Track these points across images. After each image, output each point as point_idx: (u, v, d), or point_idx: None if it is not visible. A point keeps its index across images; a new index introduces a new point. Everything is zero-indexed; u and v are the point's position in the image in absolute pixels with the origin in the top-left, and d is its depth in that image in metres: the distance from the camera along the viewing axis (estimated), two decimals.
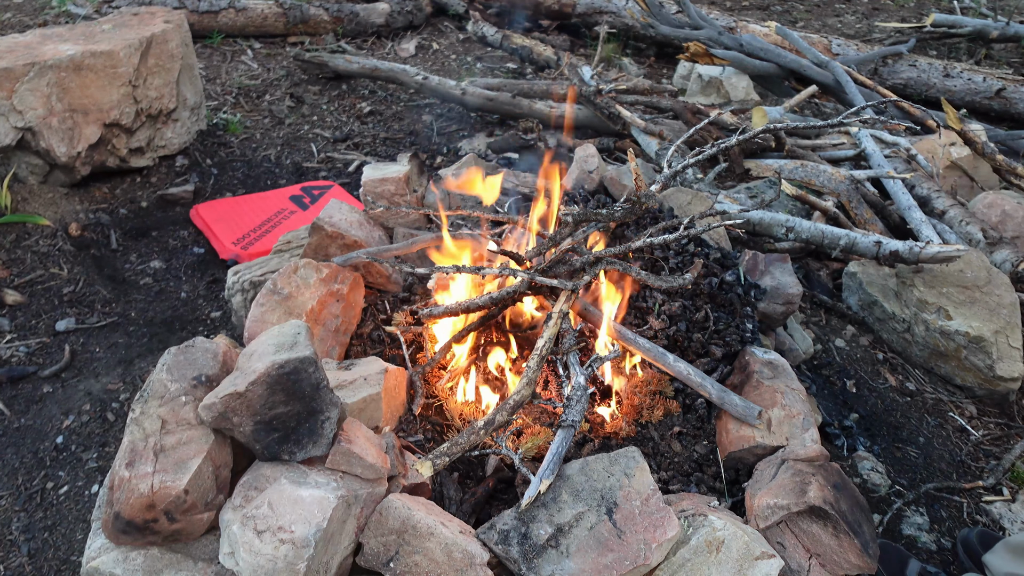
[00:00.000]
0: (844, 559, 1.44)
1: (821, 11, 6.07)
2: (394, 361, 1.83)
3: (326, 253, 2.00)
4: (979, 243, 2.71)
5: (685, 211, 2.36)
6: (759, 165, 3.14)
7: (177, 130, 3.09)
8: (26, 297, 2.36)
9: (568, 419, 1.52)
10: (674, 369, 1.75)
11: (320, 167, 3.34)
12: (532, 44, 4.65)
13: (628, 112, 3.33)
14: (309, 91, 4.02)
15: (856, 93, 3.86)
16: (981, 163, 3.29)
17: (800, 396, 1.73)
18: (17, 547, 1.69)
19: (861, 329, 2.52)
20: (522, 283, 1.76)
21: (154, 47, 2.87)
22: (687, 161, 2.17)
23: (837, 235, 2.53)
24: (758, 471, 1.61)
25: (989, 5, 6.05)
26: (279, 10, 4.51)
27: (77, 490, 1.82)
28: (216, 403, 1.29)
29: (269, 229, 2.73)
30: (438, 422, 1.75)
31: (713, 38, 4.32)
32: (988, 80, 4.28)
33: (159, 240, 2.74)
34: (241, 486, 1.31)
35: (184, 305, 2.45)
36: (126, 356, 2.21)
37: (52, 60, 2.57)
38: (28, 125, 2.56)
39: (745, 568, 1.33)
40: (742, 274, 2.03)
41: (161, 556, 1.29)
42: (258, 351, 1.37)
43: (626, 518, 1.38)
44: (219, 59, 4.24)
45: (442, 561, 1.29)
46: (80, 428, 1.97)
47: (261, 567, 1.20)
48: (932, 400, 2.28)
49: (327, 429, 1.34)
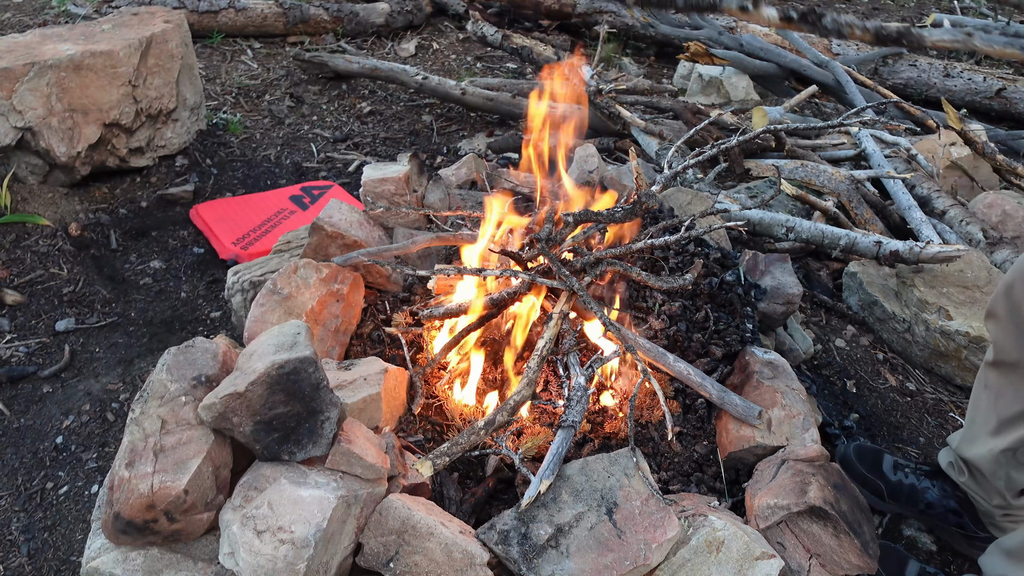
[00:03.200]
0: (844, 559, 1.44)
1: None
2: (394, 361, 1.83)
3: (326, 253, 2.00)
4: (979, 243, 2.71)
5: (685, 211, 2.36)
6: (759, 165, 3.14)
7: (177, 130, 3.09)
8: (26, 297, 2.36)
9: (568, 419, 1.52)
10: (674, 369, 1.75)
11: (320, 167, 3.34)
12: (532, 44, 4.65)
13: (628, 112, 3.33)
14: (309, 91, 4.02)
15: (856, 93, 3.86)
16: (981, 163, 3.29)
17: (800, 396, 1.73)
18: (17, 547, 1.68)
19: (861, 329, 2.52)
20: (522, 284, 1.76)
21: (154, 47, 2.87)
22: (688, 162, 2.17)
23: (837, 235, 2.53)
24: (758, 471, 1.61)
25: (989, 5, 6.05)
26: (279, 10, 4.51)
27: (77, 490, 1.82)
28: (216, 403, 1.29)
29: (269, 229, 2.73)
30: (438, 422, 1.75)
31: (713, 38, 4.32)
32: (988, 80, 4.28)
33: (159, 240, 2.74)
34: (241, 486, 1.31)
35: (184, 305, 2.45)
36: (126, 356, 2.21)
37: (52, 60, 2.56)
38: (28, 125, 2.56)
39: (745, 568, 1.33)
40: (742, 274, 2.03)
41: (161, 556, 1.29)
42: (258, 351, 1.37)
43: (626, 518, 1.38)
44: (219, 59, 4.24)
45: (442, 561, 1.29)
46: (80, 428, 1.97)
47: (261, 567, 1.20)
48: (932, 400, 2.28)
49: (327, 429, 1.34)
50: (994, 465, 1.63)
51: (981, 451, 1.66)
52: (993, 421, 1.64)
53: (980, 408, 1.69)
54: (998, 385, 1.63)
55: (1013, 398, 1.59)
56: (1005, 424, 1.61)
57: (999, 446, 1.61)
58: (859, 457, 1.84)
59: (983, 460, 1.66)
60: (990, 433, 1.65)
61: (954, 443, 1.77)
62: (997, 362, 1.62)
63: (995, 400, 1.63)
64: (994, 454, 1.62)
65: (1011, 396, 1.59)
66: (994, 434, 1.64)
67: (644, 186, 2.26)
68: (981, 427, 1.68)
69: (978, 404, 1.70)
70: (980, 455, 1.66)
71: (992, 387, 1.64)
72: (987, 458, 1.65)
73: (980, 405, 1.69)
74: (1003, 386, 1.61)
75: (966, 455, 1.71)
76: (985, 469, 1.66)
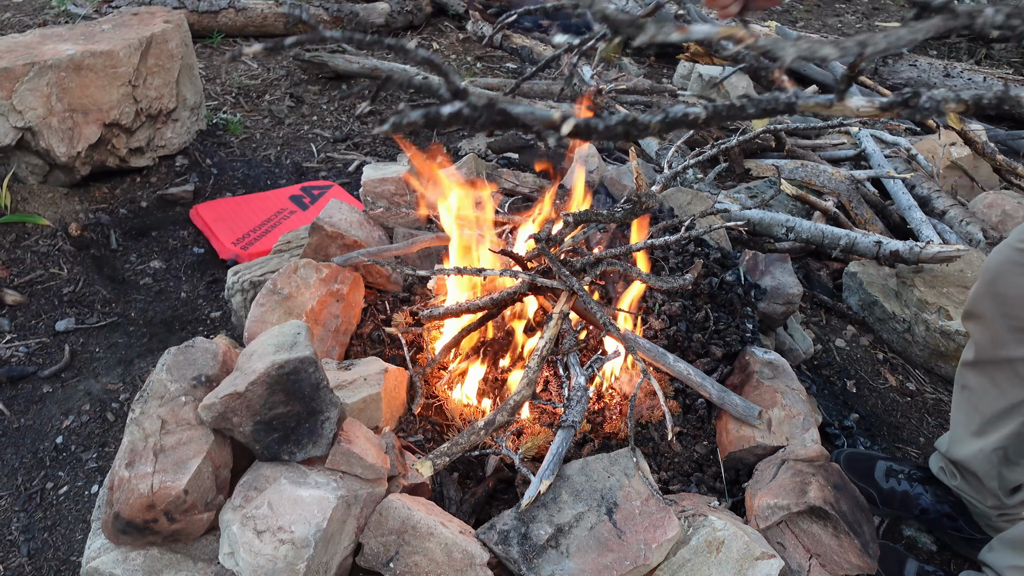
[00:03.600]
0: (844, 559, 1.44)
1: (821, 11, 6.07)
2: (394, 361, 1.83)
3: (326, 253, 2.00)
4: (979, 243, 2.71)
5: (685, 211, 2.36)
6: (759, 165, 3.14)
7: (177, 130, 3.09)
8: (26, 297, 2.36)
9: (568, 419, 1.52)
10: (674, 369, 1.75)
11: (320, 167, 3.34)
12: (532, 44, 4.65)
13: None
14: (309, 91, 4.02)
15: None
16: (981, 163, 3.29)
17: (800, 396, 1.73)
18: (17, 547, 1.68)
19: (861, 329, 2.52)
20: (523, 284, 1.76)
21: (154, 47, 2.87)
22: (687, 161, 2.17)
23: (837, 235, 2.53)
24: (758, 471, 1.61)
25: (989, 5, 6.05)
26: (279, 10, 4.51)
27: (77, 490, 1.82)
28: (216, 403, 1.29)
29: (269, 229, 2.73)
30: (438, 422, 1.75)
31: None
32: (988, 80, 4.28)
33: (159, 240, 2.74)
34: (241, 486, 1.31)
35: (184, 305, 2.45)
36: (126, 356, 2.21)
37: (52, 60, 2.56)
38: (28, 125, 2.56)
39: (745, 568, 1.33)
40: (742, 274, 2.03)
41: (161, 556, 1.29)
42: (258, 351, 1.37)
43: (626, 518, 1.38)
44: (219, 59, 4.24)
45: (442, 561, 1.29)
46: (80, 428, 1.97)
47: (261, 567, 1.20)
48: (932, 400, 2.28)
49: (327, 429, 1.34)
50: (986, 465, 1.64)
51: (970, 451, 1.66)
52: (976, 421, 1.64)
53: (961, 409, 1.70)
54: (979, 385, 1.63)
55: (997, 396, 1.59)
56: (989, 423, 1.62)
57: (989, 445, 1.62)
58: (849, 467, 1.83)
59: (974, 461, 1.66)
60: (974, 433, 1.65)
61: (942, 447, 1.77)
62: (978, 362, 1.62)
63: (978, 400, 1.63)
64: (985, 454, 1.63)
65: (994, 394, 1.60)
66: (978, 434, 1.64)
67: (644, 186, 2.26)
68: (964, 428, 1.68)
69: (959, 406, 1.71)
70: (970, 456, 1.66)
71: (972, 387, 1.65)
72: (978, 459, 1.65)
73: (961, 406, 1.70)
74: (984, 385, 1.61)
75: (955, 457, 1.71)
76: (977, 470, 1.66)
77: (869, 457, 1.87)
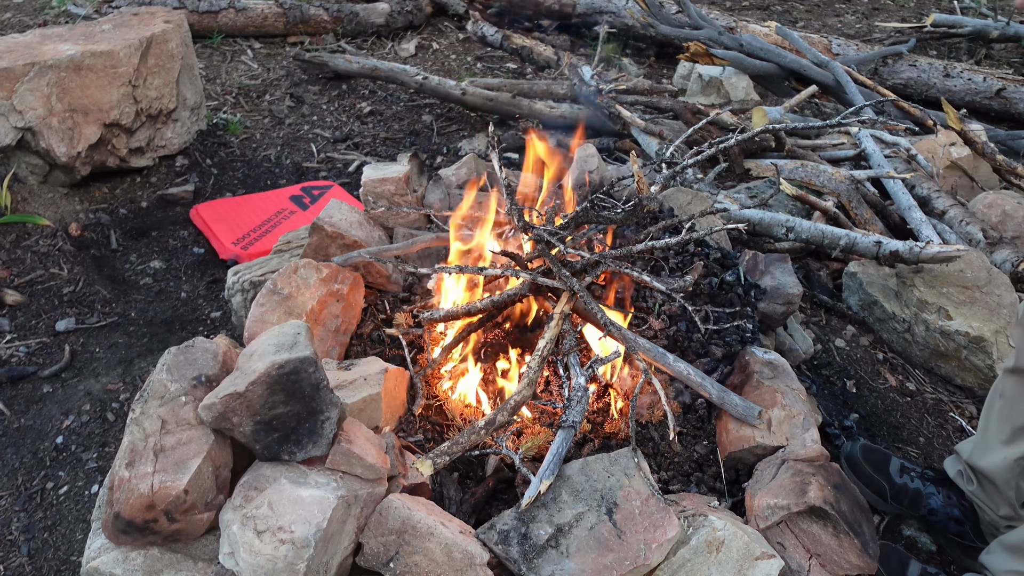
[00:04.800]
0: (844, 559, 1.44)
1: (821, 11, 6.07)
2: (394, 361, 1.83)
3: (326, 253, 2.00)
4: (979, 243, 2.71)
5: (685, 211, 2.36)
6: (759, 165, 3.14)
7: (177, 130, 3.09)
8: (26, 297, 2.36)
9: (568, 419, 1.52)
10: (674, 369, 1.75)
11: (320, 167, 3.34)
12: (532, 44, 4.65)
13: (628, 112, 3.33)
14: (309, 91, 4.02)
15: (856, 93, 3.85)
16: (981, 163, 3.29)
17: (800, 396, 1.73)
18: (17, 547, 1.68)
19: (861, 329, 2.52)
20: (523, 285, 1.76)
21: (154, 47, 2.87)
22: (686, 161, 2.16)
23: (837, 235, 2.53)
24: (758, 471, 1.61)
25: (989, 5, 6.05)
26: (279, 10, 4.51)
27: (77, 490, 1.82)
28: (216, 403, 1.29)
29: (269, 229, 2.73)
30: (438, 422, 1.75)
31: (713, 38, 4.31)
32: (988, 80, 4.27)
33: (159, 240, 2.74)
34: (241, 486, 1.31)
35: (184, 305, 2.45)
36: (126, 356, 2.21)
37: (52, 60, 2.57)
38: (28, 125, 2.56)
39: (745, 568, 1.33)
40: (742, 274, 2.03)
41: (161, 556, 1.29)
42: (258, 351, 1.37)
43: (626, 518, 1.38)
44: (219, 59, 4.24)
45: (442, 561, 1.29)
46: (80, 428, 1.97)
47: (261, 567, 1.20)
48: (932, 400, 2.28)
49: (327, 429, 1.34)
50: (1007, 474, 1.62)
51: (995, 460, 1.65)
52: (1007, 429, 1.63)
53: (993, 416, 1.68)
54: (1014, 393, 1.61)
55: None
56: (1019, 432, 1.60)
57: (1013, 455, 1.60)
58: (866, 456, 1.83)
59: (996, 469, 1.64)
60: (1004, 442, 1.64)
61: (965, 452, 1.76)
62: (1017, 369, 1.60)
63: (1010, 408, 1.62)
64: (1008, 463, 1.61)
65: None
66: (1008, 443, 1.63)
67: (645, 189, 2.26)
68: (995, 436, 1.66)
69: (991, 412, 1.69)
70: (993, 464, 1.65)
71: (1008, 395, 1.63)
72: (1001, 467, 1.63)
73: (993, 414, 1.68)
74: (1020, 394, 1.60)
75: (978, 464, 1.70)
76: (998, 479, 1.65)
77: (885, 452, 1.86)
